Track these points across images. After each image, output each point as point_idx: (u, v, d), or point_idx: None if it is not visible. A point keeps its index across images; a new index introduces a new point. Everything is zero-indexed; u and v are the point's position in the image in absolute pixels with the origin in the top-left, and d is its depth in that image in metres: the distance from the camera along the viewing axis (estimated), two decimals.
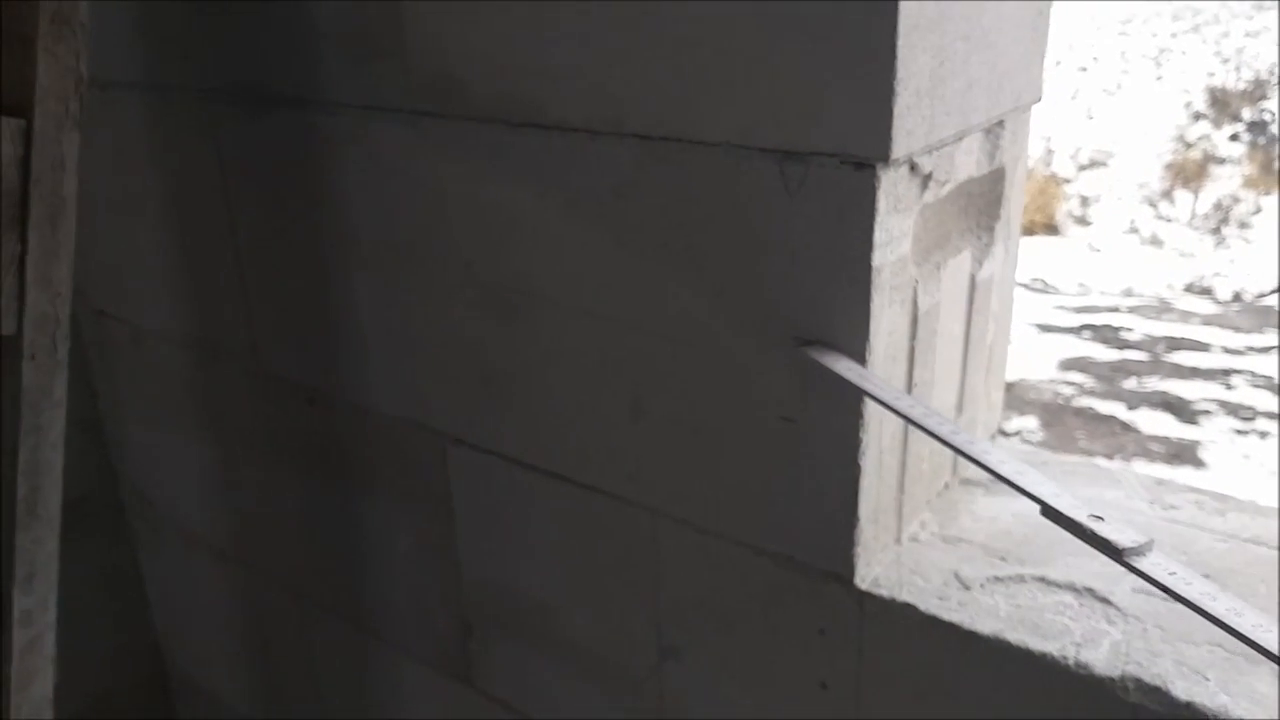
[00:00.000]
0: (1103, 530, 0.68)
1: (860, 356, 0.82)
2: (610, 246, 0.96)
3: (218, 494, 1.62)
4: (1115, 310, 8.08)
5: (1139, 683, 0.79)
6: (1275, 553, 0.94)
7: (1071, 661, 0.81)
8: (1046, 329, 7.21)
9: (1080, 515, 0.70)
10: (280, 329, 1.37)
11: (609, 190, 0.94)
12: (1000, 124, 0.95)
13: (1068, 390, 6.14)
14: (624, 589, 1.11)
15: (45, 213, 0.89)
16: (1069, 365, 6.56)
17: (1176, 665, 0.80)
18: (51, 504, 0.95)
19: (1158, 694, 0.78)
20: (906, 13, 0.72)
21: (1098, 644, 0.83)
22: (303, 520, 1.50)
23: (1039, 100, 1.02)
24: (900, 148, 0.77)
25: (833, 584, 0.93)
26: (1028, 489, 0.73)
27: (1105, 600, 0.88)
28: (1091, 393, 6.09)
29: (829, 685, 0.97)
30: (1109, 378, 6.35)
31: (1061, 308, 7.97)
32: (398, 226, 1.14)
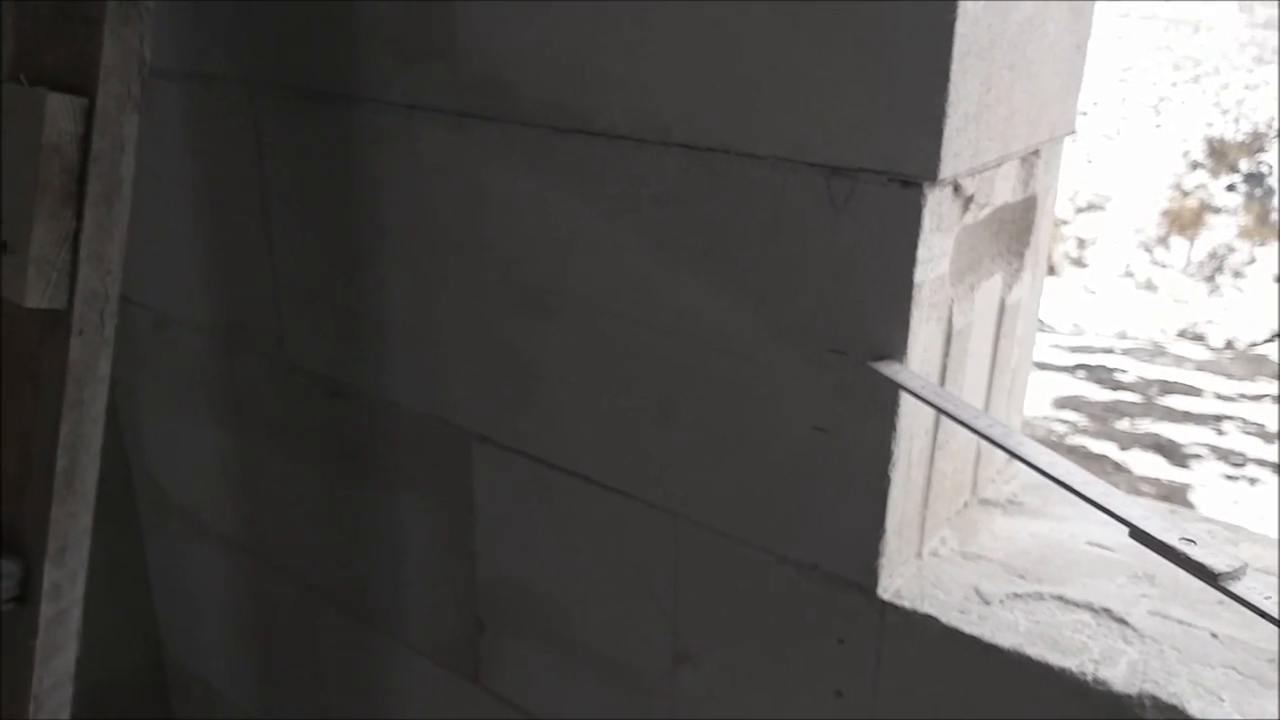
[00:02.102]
0: (1196, 554, 0.67)
1: None
2: (650, 253, 0.98)
3: (232, 483, 1.63)
4: (1110, 352, 8.15)
5: (1156, 701, 0.81)
6: None
7: (1090, 678, 0.83)
8: (1042, 367, 7.26)
9: (1172, 539, 0.68)
10: (308, 321, 1.38)
11: (653, 198, 0.96)
12: (1036, 153, 0.98)
13: (1061, 428, 6.19)
14: (641, 592, 1.12)
15: (102, 191, 0.91)
16: (1063, 404, 6.61)
17: (1192, 685, 0.82)
18: (89, 479, 0.97)
19: (1174, 712, 0.80)
20: (961, 38, 0.75)
21: (1115, 662, 0.84)
22: (317, 512, 1.51)
23: (1072, 132, 1.05)
24: (947, 169, 0.79)
25: (855, 594, 0.94)
26: (1116, 511, 0.71)
27: (1122, 620, 0.90)
28: (1084, 431, 6.13)
29: (845, 694, 0.98)
30: (1102, 417, 6.40)
31: (1057, 346, 8.03)
32: (434, 224, 1.16)
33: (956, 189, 0.84)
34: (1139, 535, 0.70)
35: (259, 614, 1.72)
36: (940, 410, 0.81)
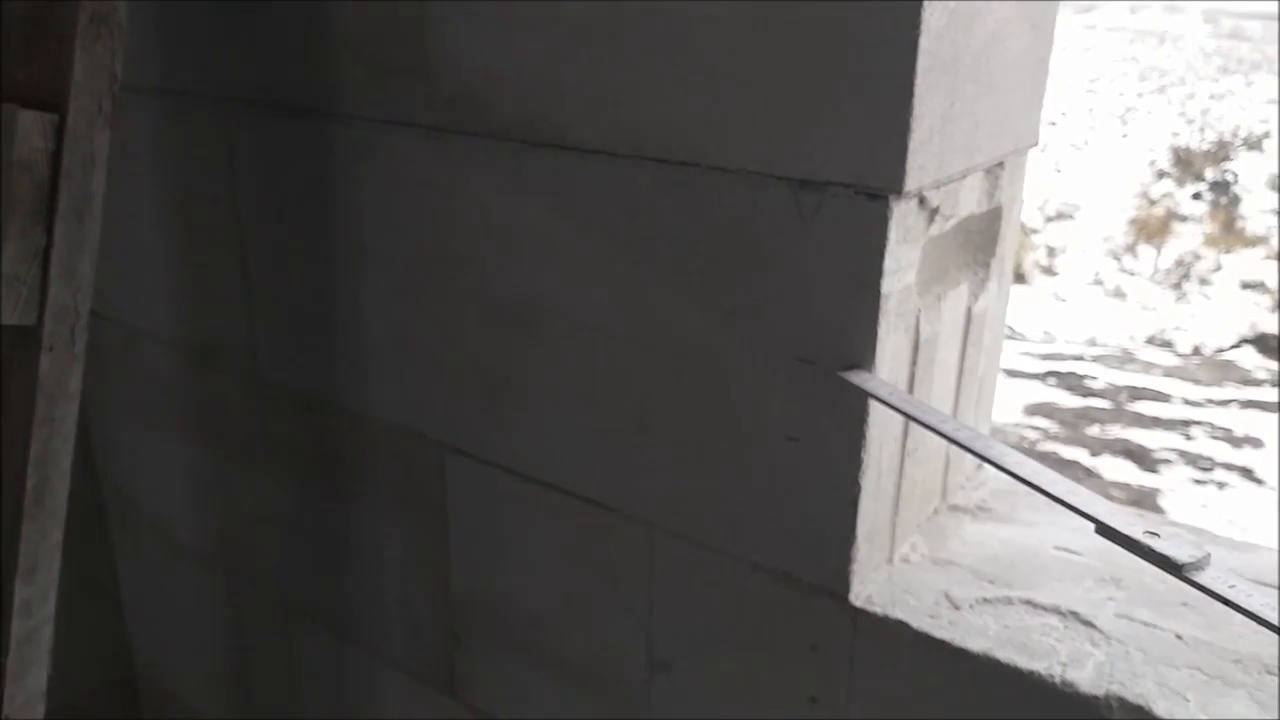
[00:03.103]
0: (1160, 546, 0.69)
1: None
2: (623, 266, 0.99)
3: (205, 499, 1.62)
4: (1080, 359, 8.25)
5: (1123, 702, 0.82)
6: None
7: (1058, 680, 0.84)
8: (1013, 374, 7.33)
9: (1136, 532, 0.70)
10: (282, 335, 1.38)
11: (625, 211, 0.97)
12: (1000, 165, 1.00)
13: (1032, 435, 6.25)
14: (616, 602, 1.13)
15: (73, 207, 0.91)
16: (1034, 410, 6.68)
17: (1159, 686, 0.83)
18: (59, 497, 0.96)
19: (1140, 712, 0.81)
20: (925, 54, 0.77)
21: (1083, 664, 0.86)
22: (292, 527, 1.50)
23: (1035, 145, 1.07)
24: (912, 181, 0.81)
25: (827, 600, 0.95)
26: (1082, 508, 0.73)
27: (1089, 624, 0.91)
28: (1055, 438, 6.20)
29: (819, 700, 0.99)
30: (1073, 424, 6.47)
31: (1028, 354, 8.12)
32: (409, 238, 1.17)
33: (922, 201, 0.85)
34: (1105, 530, 0.72)
35: (233, 630, 1.71)
36: (909, 416, 0.83)
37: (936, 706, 0.91)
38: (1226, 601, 0.66)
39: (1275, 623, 0.64)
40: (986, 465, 1.19)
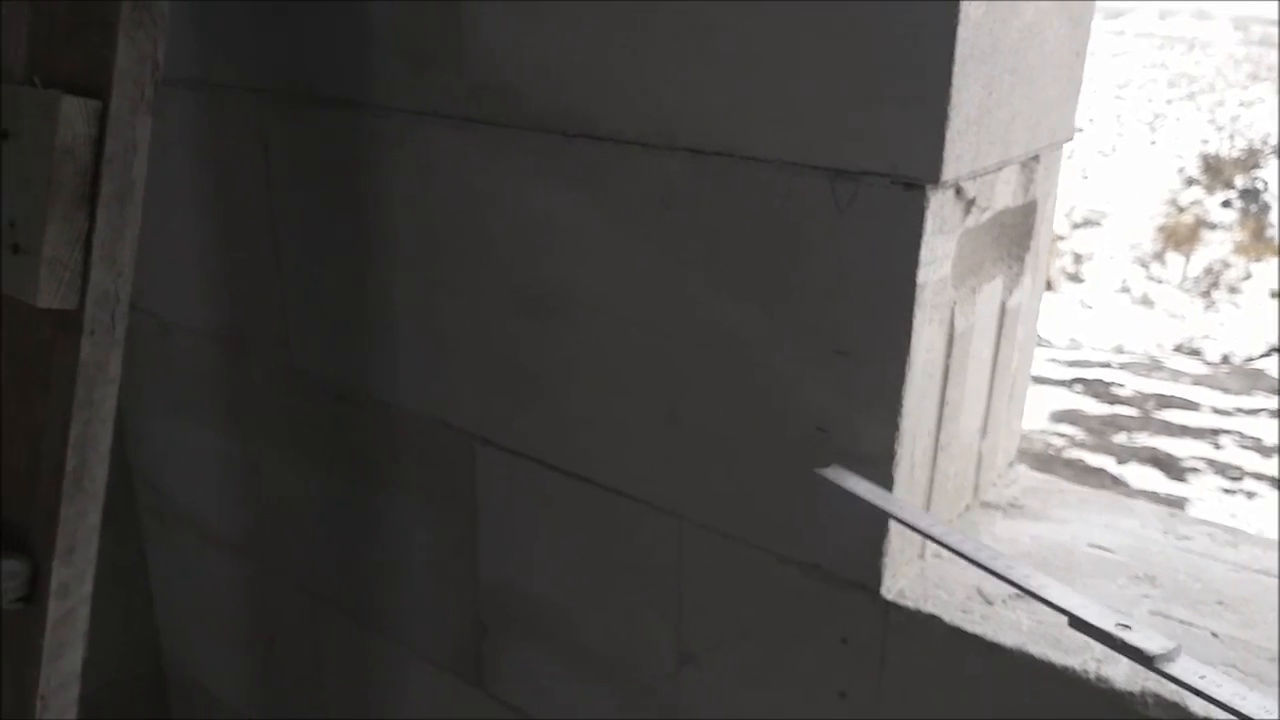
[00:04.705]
0: (1131, 639, 0.71)
1: (900, 370, 0.85)
2: (654, 256, 0.99)
3: (234, 488, 1.64)
4: (1106, 366, 8.15)
5: (1158, 698, 0.81)
6: None
7: (1093, 676, 0.84)
8: (1039, 380, 7.27)
9: (1108, 624, 0.72)
10: (314, 325, 1.39)
11: (657, 201, 0.97)
12: (1036, 158, 0.99)
13: (1058, 441, 6.18)
14: (644, 594, 1.13)
15: (115, 192, 0.92)
16: (1060, 417, 6.61)
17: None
18: (98, 479, 0.97)
19: (1176, 710, 0.80)
20: (963, 42, 0.76)
21: (1117, 661, 0.85)
22: (321, 517, 1.51)
23: (1070, 139, 1.06)
24: (949, 171, 0.80)
25: (858, 594, 0.95)
26: (1055, 602, 0.75)
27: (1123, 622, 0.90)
28: (1082, 445, 6.13)
29: (848, 694, 0.98)
30: (1099, 431, 6.40)
31: (1054, 360, 8.04)
32: (441, 228, 1.17)
33: (958, 191, 0.85)
34: (1077, 624, 0.74)
35: (260, 618, 1.72)
36: (890, 515, 0.86)
37: (969, 701, 0.91)
38: (1196, 691, 0.68)
39: (1249, 716, 0.65)
40: (1016, 466, 1.18)
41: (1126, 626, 0.72)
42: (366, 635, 1.52)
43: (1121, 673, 0.84)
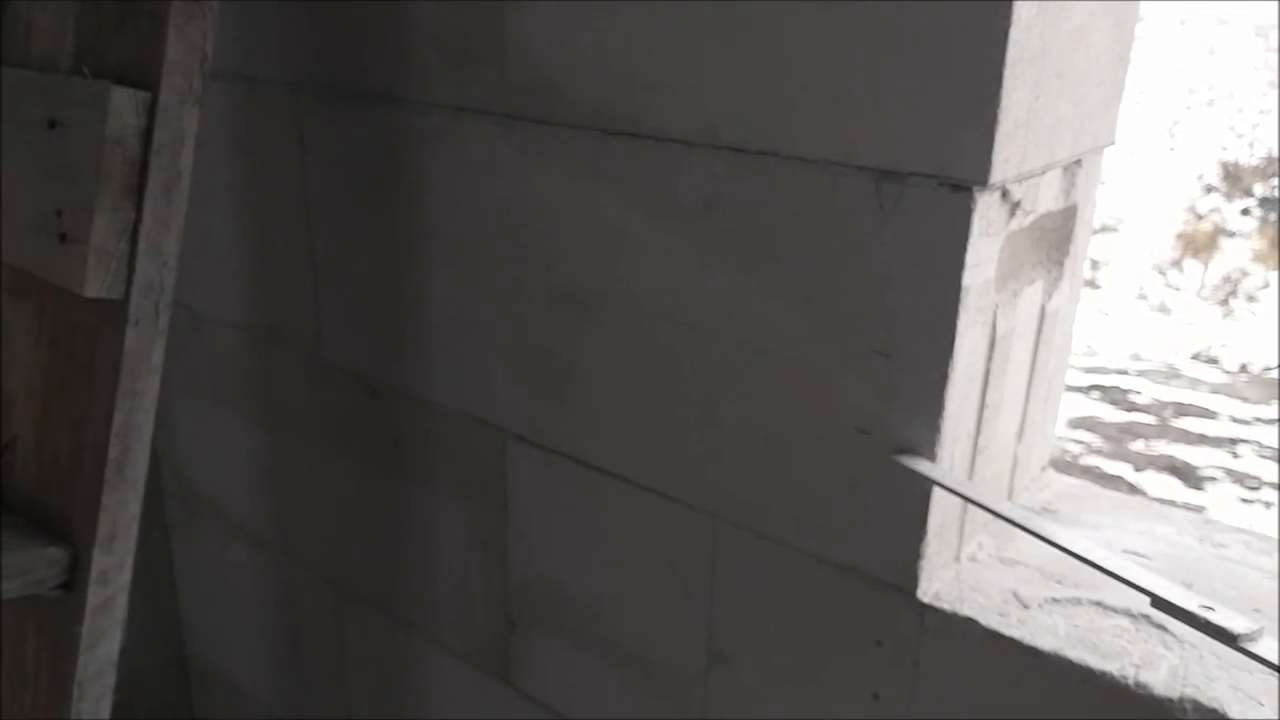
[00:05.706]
0: (1216, 619, 0.73)
1: (943, 372, 0.85)
2: (695, 255, 0.99)
3: (263, 480, 1.65)
4: (1124, 373, 8.13)
5: (1196, 704, 0.81)
6: None
7: (1131, 681, 0.83)
8: None
9: (1192, 605, 0.74)
10: (347, 319, 1.40)
11: (700, 200, 0.98)
12: (1078, 162, 0.99)
13: (1076, 448, 6.17)
14: (676, 592, 1.13)
15: (162, 183, 0.93)
16: (1078, 424, 6.59)
17: (1232, 690, 0.82)
18: (139, 468, 0.98)
19: (1215, 715, 0.80)
20: (1015, 44, 0.76)
21: (1156, 666, 0.85)
22: (350, 510, 1.52)
23: (1112, 143, 1.06)
24: (997, 174, 0.80)
25: (894, 596, 0.95)
26: (1139, 584, 0.77)
27: (1161, 626, 0.90)
28: (1099, 452, 6.12)
29: (881, 696, 0.98)
30: (1116, 438, 6.38)
31: (1071, 367, 8.02)
32: (478, 224, 1.18)
33: (1004, 194, 0.85)
34: (1160, 604, 0.76)
35: (286, 611, 1.73)
36: (968, 499, 0.85)
37: (1003, 705, 0.91)
38: None
39: None
40: (1048, 470, 1.18)
41: (1210, 608, 0.74)
42: (393, 628, 1.53)
43: (1160, 678, 0.84)
